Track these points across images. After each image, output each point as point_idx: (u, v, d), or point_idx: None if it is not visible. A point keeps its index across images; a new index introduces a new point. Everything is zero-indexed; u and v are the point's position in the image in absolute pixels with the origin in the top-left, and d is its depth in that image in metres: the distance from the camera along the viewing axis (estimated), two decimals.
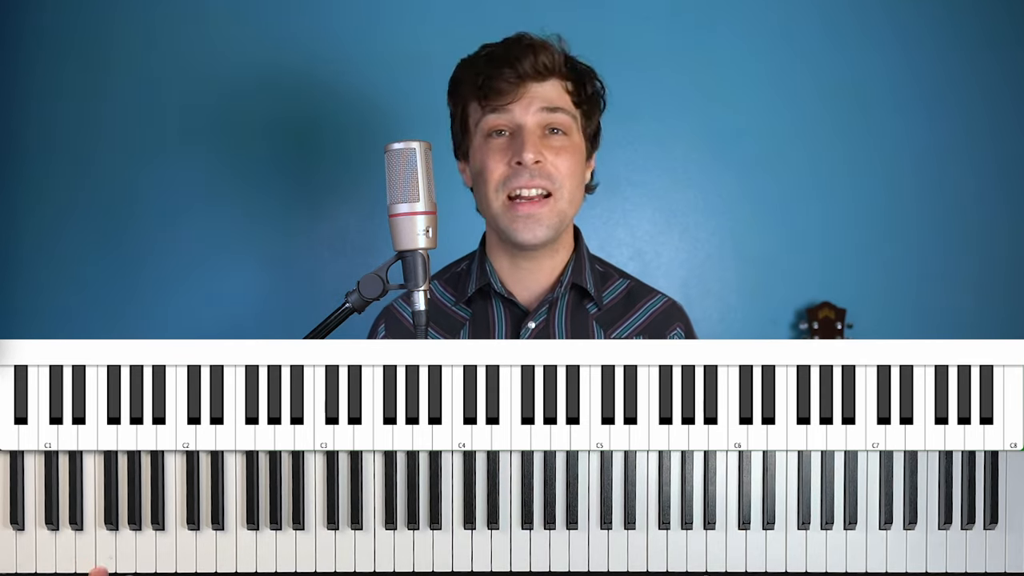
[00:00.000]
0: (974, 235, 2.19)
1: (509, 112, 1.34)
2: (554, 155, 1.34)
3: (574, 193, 1.37)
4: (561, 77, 1.36)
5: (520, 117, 1.34)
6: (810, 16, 2.16)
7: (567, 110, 1.36)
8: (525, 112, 1.34)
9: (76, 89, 2.12)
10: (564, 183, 1.34)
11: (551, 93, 1.35)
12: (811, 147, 2.18)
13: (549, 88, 1.35)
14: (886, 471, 1.11)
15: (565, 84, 1.37)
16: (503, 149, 1.35)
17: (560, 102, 1.36)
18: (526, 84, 1.34)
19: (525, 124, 1.34)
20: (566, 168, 1.35)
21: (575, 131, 1.38)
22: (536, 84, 1.34)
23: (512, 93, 1.33)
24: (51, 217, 2.13)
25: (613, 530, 1.11)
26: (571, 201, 1.37)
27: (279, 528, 1.11)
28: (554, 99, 1.35)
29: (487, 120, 1.35)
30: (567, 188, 1.35)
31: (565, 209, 1.36)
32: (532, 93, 1.34)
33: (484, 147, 1.37)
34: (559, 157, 1.34)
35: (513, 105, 1.34)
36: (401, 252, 1.18)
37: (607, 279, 1.45)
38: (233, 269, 2.15)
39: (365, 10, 2.13)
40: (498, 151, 1.35)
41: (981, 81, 2.18)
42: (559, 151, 1.35)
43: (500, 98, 1.33)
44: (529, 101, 1.34)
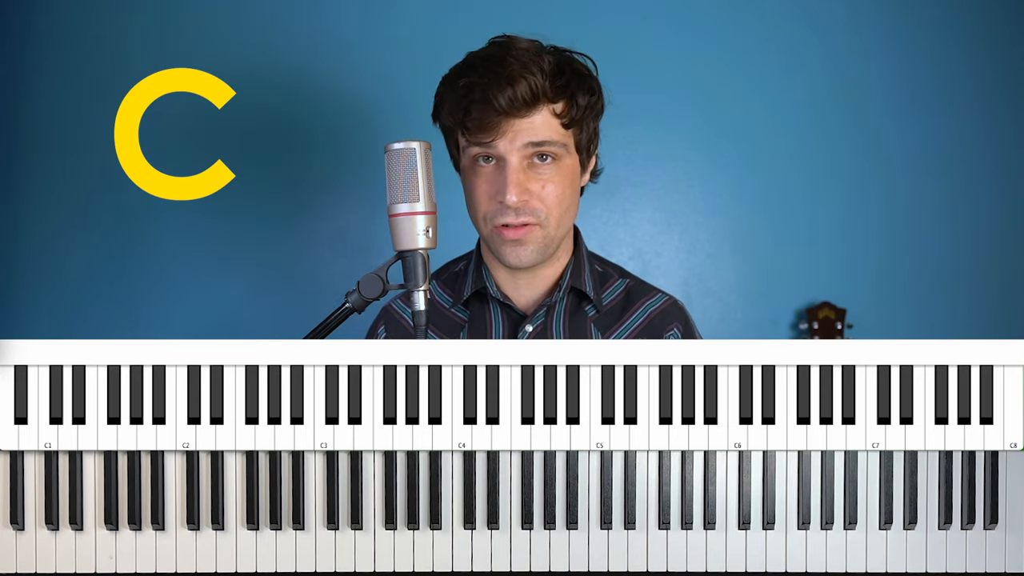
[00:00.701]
0: (974, 235, 2.19)
1: (492, 147, 1.27)
2: (540, 187, 1.28)
3: (563, 217, 1.32)
4: (548, 101, 1.27)
5: (504, 151, 1.27)
6: (810, 16, 2.16)
7: (554, 141, 1.28)
8: (510, 147, 1.26)
9: (76, 89, 2.12)
10: (551, 211, 1.30)
11: (537, 125, 1.26)
12: (811, 147, 2.18)
13: (535, 120, 1.26)
14: (886, 471, 1.11)
15: (553, 108, 1.28)
16: (489, 180, 1.29)
17: (547, 133, 1.27)
18: (508, 119, 1.25)
19: (509, 160, 1.27)
20: (553, 198, 1.29)
21: (566, 153, 1.30)
22: (521, 118, 1.25)
23: (493, 130, 1.25)
24: (51, 217, 2.13)
25: (613, 530, 1.11)
26: (559, 224, 1.32)
27: (279, 528, 1.11)
28: (540, 132, 1.27)
29: (471, 149, 1.30)
30: (554, 215, 1.30)
31: (552, 233, 1.32)
32: (515, 128, 1.26)
33: (472, 171, 1.32)
34: (545, 188, 1.29)
35: (495, 142, 1.26)
36: (401, 252, 1.18)
37: (606, 280, 1.44)
38: (233, 269, 2.15)
39: (365, 9, 2.13)
40: (484, 181, 1.30)
41: (978, 82, 2.18)
42: (546, 182, 1.29)
43: (482, 135, 1.26)
44: (512, 136, 1.26)
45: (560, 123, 1.28)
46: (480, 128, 1.26)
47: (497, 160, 1.29)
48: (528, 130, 1.26)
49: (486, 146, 1.27)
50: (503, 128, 1.25)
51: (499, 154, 1.27)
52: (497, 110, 1.24)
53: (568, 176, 1.32)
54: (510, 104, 1.24)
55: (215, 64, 2.07)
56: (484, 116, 1.25)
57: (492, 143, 1.26)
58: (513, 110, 1.24)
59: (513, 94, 1.23)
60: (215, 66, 2.06)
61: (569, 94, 1.29)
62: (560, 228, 1.33)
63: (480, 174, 1.30)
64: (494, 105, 1.24)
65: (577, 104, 1.30)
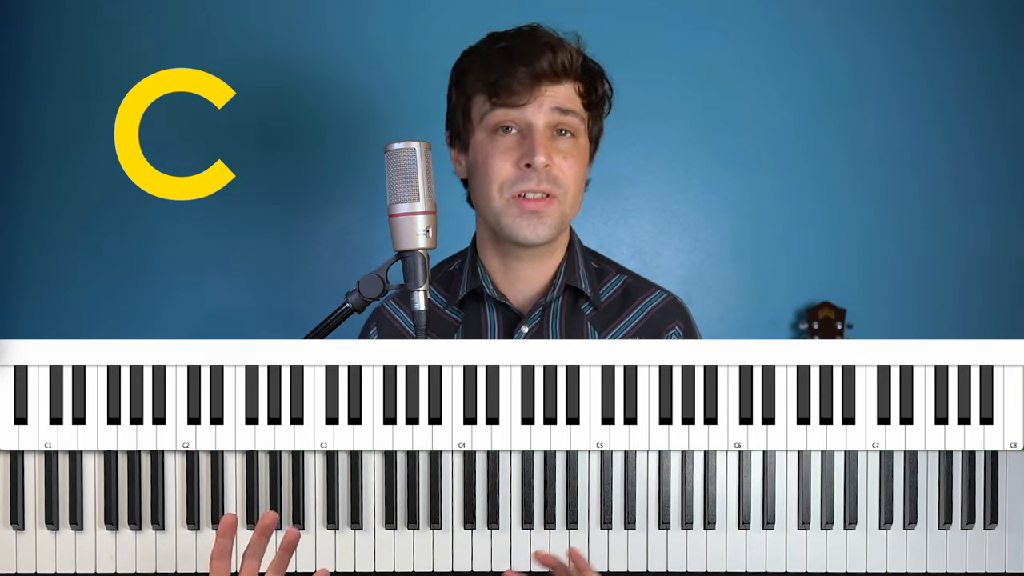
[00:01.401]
0: (975, 235, 2.19)
1: (520, 110, 1.31)
2: (561, 158, 1.32)
3: (576, 197, 1.36)
4: (575, 78, 1.34)
5: (532, 117, 1.31)
6: (810, 16, 2.16)
7: (578, 112, 1.34)
8: (537, 112, 1.31)
9: (75, 88, 2.12)
10: (569, 187, 1.33)
11: (565, 95, 1.32)
12: (811, 147, 2.17)
13: (563, 90, 1.32)
14: (886, 471, 1.11)
15: (578, 86, 1.34)
16: (510, 148, 1.32)
17: (572, 104, 1.33)
18: (541, 84, 1.30)
19: (536, 125, 1.31)
20: (571, 172, 1.33)
21: (582, 133, 1.35)
22: (551, 85, 1.31)
23: (527, 93, 1.30)
24: (51, 217, 2.13)
25: (613, 530, 1.11)
26: (573, 205, 1.35)
27: (279, 528, 1.11)
28: (567, 101, 1.32)
29: (495, 115, 1.32)
30: (571, 192, 1.33)
31: (567, 212, 1.35)
32: (547, 94, 1.31)
33: (489, 143, 1.33)
34: (566, 161, 1.32)
35: (527, 105, 1.30)
36: (401, 252, 1.18)
37: (603, 276, 1.43)
38: (233, 269, 2.15)
39: (365, 8, 2.13)
40: (504, 150, 1.32)
41: (982, 80, 2.18)
42: (566, 155, 1.33)
43: (514, 97, 1.30)
44: (542, 102, 1.31)
45: (582, 101, 1.34)
46: (513, 91, 1.29)
47: (521, 129, 1.32)
48: (556, 96, 1.31)
49: (516, 108, 1.30)
50: (535, 92, 1.30)
51: (526, 120, 1.31)
52: (536, 72, 1.29)
53: (583, 157, 1.36)
54: (550, 67, 1.29)
55: (215, 64, 2.07)
56: (519, 79, 1.29)
57: (523, 107, 1.30)
58: (551, 73, 1.30)
59: (552, 59, 1.29)
60: (215, 66, 2.06)
61: (590, 78, 1.36)
62: (573, 209, 1.36)
63: (500, 144, 1.32)
64: (535, 67, 1.29)
65: (596, 91, 1.37)
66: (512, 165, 1.31)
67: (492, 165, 1.32)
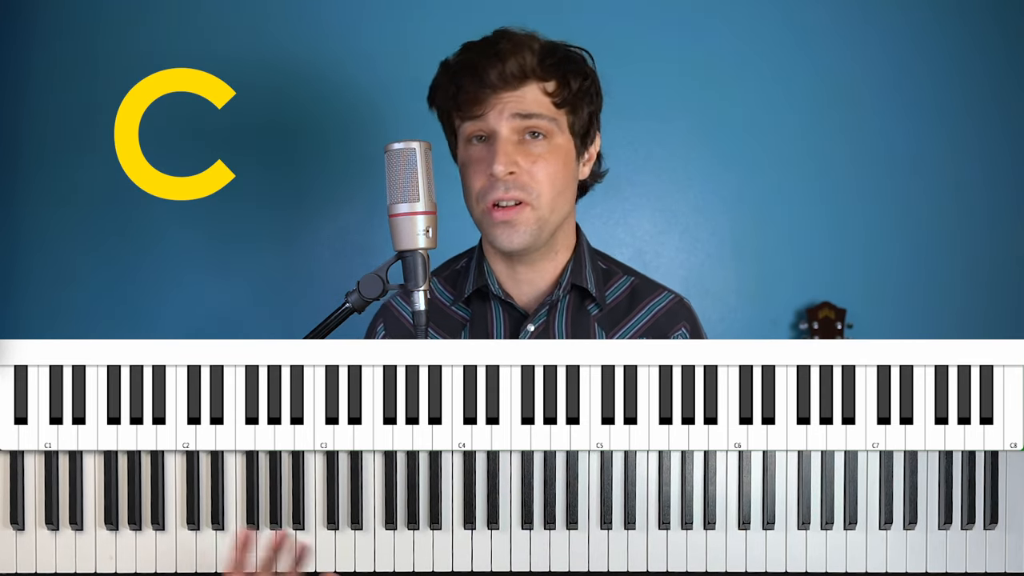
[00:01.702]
0: (975, 235, 2.19)
1: (483, 120, 1.30)
2: (531, 163, 1.30)
3: (555, 199, 1.32)
4: (538, 79, 1.30)
5: (494, 124, 1.30)
6: (810, 15, 2.16)
7: (545, 114, 1.30)
8: (499, 119, 1.29)
9: (75, 88, 2.12)
10: (542, 191, 1.30)
11: (526, 99, 1.30)
12: (812, 147, 2.18)
13: (524, 94, 1.30)
14: (886, 471, 1.11)
15: (543, 86, 1.31)
16: (481, 158, 1.31)
17: (536, 107, 1.30)
18: (497, 93, 1.29)
19: (499, 132, 1.29)
20: (544, 175, 1.30)
21: (557, 132, 1.32)
22: (510, 91, 1.29)
23: (485, 103, 1.29)
24: (51, 217, 2.13)
25: (613, 530, 1.11)
26: (552, 207, 1.32)
27: (279, 528, 1.11)
28: (529, 105, 1.30)
29: (464, 127, 1.33)
30: (545, 195, 1.30)
31: (545, 216, 1.32)
32: (504, 100, 1.29)
33: (466, 154, 1.34)
34: (536, 164, 1.30)
35: (486, 114, 1.30)
36: (401, 252, 1.18)
37: (610, 277, 1.43)
38: (233, 269, 2.15)
39: (365, 8, 2.13)
40: (476, 160, 1.32)
41: (984, 80, 2.18)
42: (537, 158, 1.30)
43: (473, 108, 1.30)
44: (502, 108, 1.29)
45: (551, 101, 1.32)
46: (471, 102, 1.29)
47: (488, 136, 1.31)
48: (517, 102, 1.30)
49: (477, 120, 1.30)
50: (492, 101, 1.29)
51: (490, 128, 1.30)
52: (486, 84, 1.28)
53: (561, 157, 1.33)
54: (499, 78, 1.28)
55: (215, 64, 2.07)
56: (474, 89, 1.29)
57: (482, 116, 1.30)
58: (502, 83, 1.28)
59: (502, 68, 1.28)
60: (215, 66, 2.06)
61: (560, 74, 1.32)
62: (554, 213, 1.33)
63: (473, 154, 1.33)
64: (483, 79, 1.28)
65: (569, 86, 1.33)
66: (483, 175, 1.31)
67: (467, 176, 1.34)
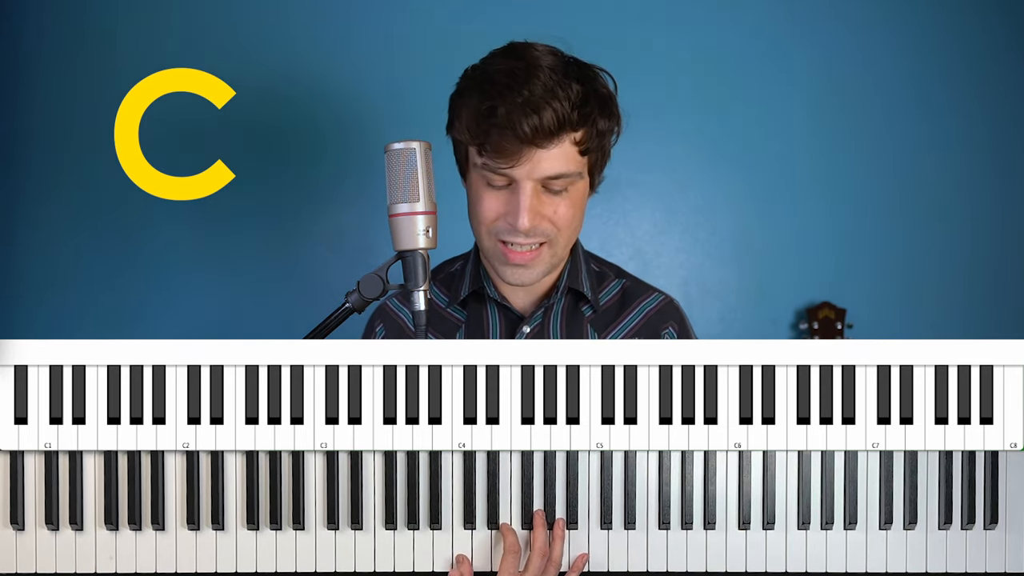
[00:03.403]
0: (975, 235, 2.19)
1: (508, 174, 1.22)
2: (552, 211, 1.25)
3: (571, 237, 1.30)
4: (571, 129, 1.21)
5: (520, 177, 1.22)
6: (811, 16, 2.16)
7: (571, 172, 1.23)
8: (526, 176, 1.21)
9: (76, 89, 2.12)
10: (562, 231, 1.27)
11: (555, 157, 1.21)
12: (812, 147, 2.18)
13: (554, 152, 1.21)
14: (886, 471, 1.11)
15: (574, 136, 1.22)
16: (500, 199, 1.25)
17: (564, 166, 1.22)
18: (529, 149, 1.19)
19: (523, 186, 1.22)
20: (564, 220, 1.26)
21: (579, 180, 1.26)
22: (541, 149, 1.20)
23: (513, 157, 1.19)
24: (51, 217, 2.13)
25: (613, 530, 1.11)
26: (568, 244, 1.30)
27: (279, 528, 1.11)
28: (558, 165, 1.21)
29: (484, 168, 1.24)
30: (564, 235, 1.28)
31: (560, 252, 1.30)
32: (536, 159, 1.20)
33: (481, 185, 1.27)
34: (557, 212, 1.25)
35: (513, 169, 1.21)
36: (401, 252, 1.18)
37: (603, 279, 1.44)
38: (233, 269, 2.15)
39: (365, 9, 2.13)
40: (493, 197, 1.25)
41: (985, 83, 2.18)
42: (558, 206, 1.25)
43: (499, 160, 1.20)
44: (532, 167, 1.20)
45: (578, 150, 1.24)
46: (499, 153, 1.20)
47: (510, 183, 1.24)
48: (547, 162, 1.21)
49: (502, 171, 1.22)
50: (523, 156, 1.20)
51: (514, 178, 1.23)
52: (520, 138, 1.18)
53: (579, 199, 1.29)
54: (534, 133, 1.18)
55: (215, 64, 2.07)
56: (505, 142, 1.19)
57: (510, 170, 1.21)
58: (536, 139, 1.19)
59: (539, 124, 1.18)
60: (215, 66, 2.06)
61: (591, 121, 1.24)
62: (567, 248, 1.32)
63: (490, 191, 1.26)
64: (517, 133, 1.18)
65: (597, 130, 1.25)
66: (500, 216, 1.26)
67: (481, 209, 1.27)
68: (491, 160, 1.21)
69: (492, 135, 1.20)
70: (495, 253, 1.29)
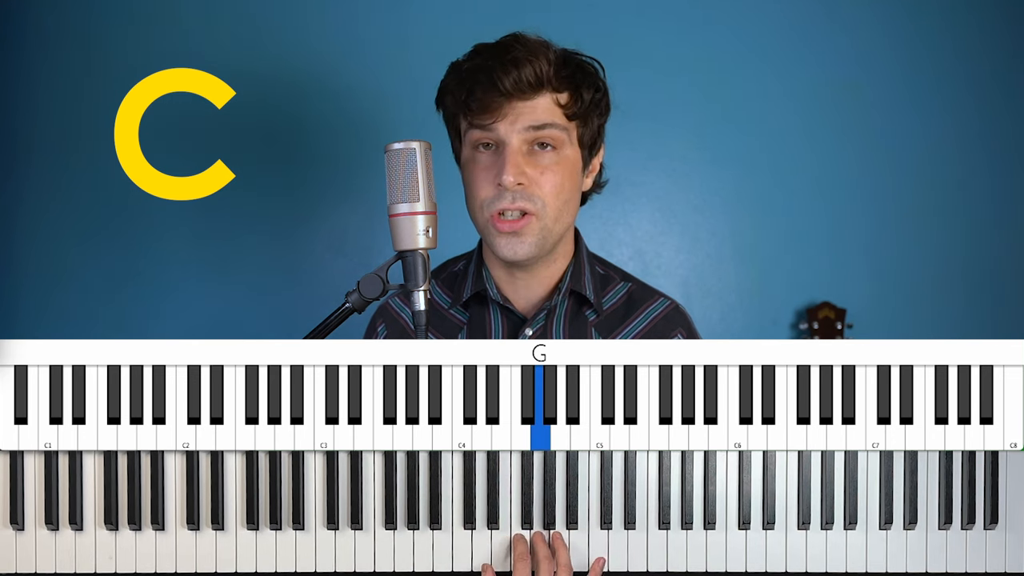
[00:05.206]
0: (975, 235, 2.19)
1: (493, 129, 1.27)
2: (539, 173, 1.28)
3: (561, 210, 1.31)
4: (552, 89, 1.28)
5: (504, 134, 1.27)
6: (811, 15, 2.16)
7: (557, 124, 1.28)
8: (510, 130, 1.27)
9: (75, 88, 2.12)
10: (548, 201, 1.29)
11: (539, 109, 1.27)
12: (812, 147, 2.18)
13: (537, 104, 1.27)
14: (886, 471, 1.11)
15: (556, 96, 1.29)
16: (488, 167, 1.29)
17: (549, 117, 1.28)
18: (511, 102, 1.26)
19: (509, 142, 1.27)
20: (551, 187, 1.29)
21: (567, 144, 1.30)
22: (523, 100, 1.27)
23: (495, 112, 1.26)
24: (51, 217, 2.13)
25: (613, 530, 1.11)
26: (557, 218, 1.31)
27: (279, 528, 1.11)
28: (541, 116, 1.27)
29: (472, 133, 1.30)
30: (551, 207, 1.30)
31: (549, 226, 1.31)
32: (517, 111, 1.26)
33: (472, 161, 1.32)
34: (544, 175, 1.29)
35: (496, 124, 1.27)
36: (401, 252, 1.18)
37: (607, 283, 1.43)
38: (233, 269, 2.15)
39: (365, 8, 2.13)
40: (483, 168, 1.30)
41: (982, 81, 2.18)
42: (545, 169, 1.29)
43: (483, 116, 1.27)
44: (514, 119, 1.27)
45: (563, 112, 1.30)
46: (483, 109, 1.26)
47: (497, 145, 1.29)
48: (529, 112, 1.27)
49: (487, 128, 1.28)
50: (505, 110, 1.26)
51: (499, 137, 1.28)
52: (500, 91, 1.25)
53: (569, 168, 1.32)
54: (514, 85, 1.25)
55: (215, 64, 2.07)
56: (487, 96, 1.26)
57: (493, 124, 1.27)
58: (517, 91, 1.26)
59: (518, 76, 1.25)
60: (215, 66, 2.06)
61: (574, 86, 1.30)
62: (558, 223, 1.32)
63: (479, 161, 1.31)
64: (498, 86, 1.25)
65: (582, 98, 1.31)
66: (489, 184, 1.29)
67: (472, 183, 1.32)
68: (476, 118, 1.28)
69: (476, 92, 1.27)
70: (487, 229, 1.32)
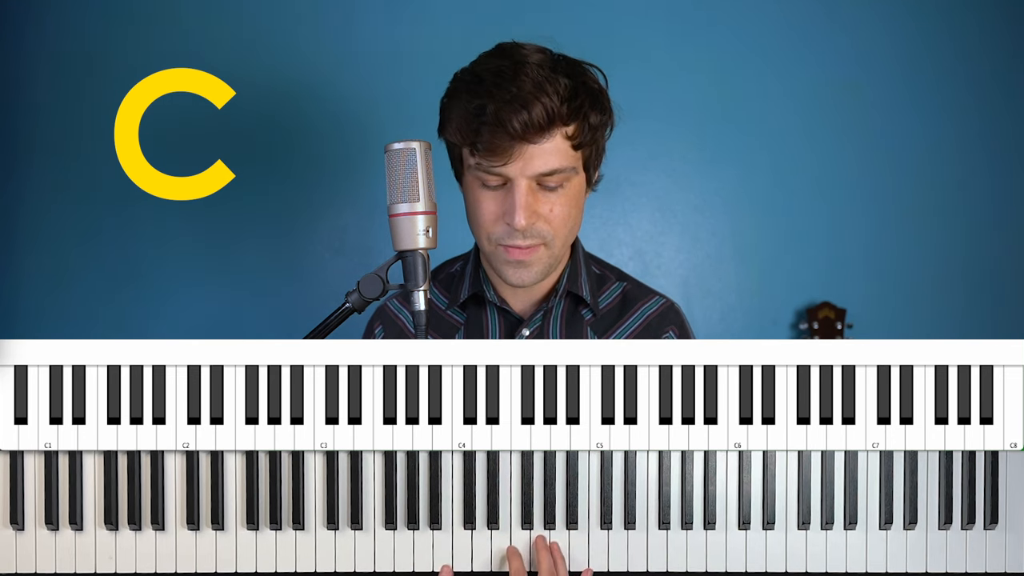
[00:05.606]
0: (975, 235, 2.19)
1: (502, 172, 1.22)
2: (548, 209, 1.24)
3: (569, 236, 1.30)
4: (562, 123, 1.21)
5: (513, 174, 1.21)
6: (811, 15, 2.16)
7: (565, 168, 1.23)
8: (519, 173, 1.21)
9: (75, 88, 2.12)
10: (558, 231, 1.27)
11: (548, 153, 1.21)
12: (812, 147, 2.18)
13: (547, 147, 1.20)
14: (886, 471, 1.11)
15: (566, 130, 1.22)
16: (495, 200, 1.25)
17: (558, 162, 1.22)
18: (520, 144, 1.19)
19: (517, 184, 1.21)
20: (560, 220, 1.26)
21: (574, 175, 1.26)
22: (532, 144, 1.19)
23: (505, 154, 1.19)
24: (51, 217, 2.13)
25: (613, 530, 1.11)
26: (565, 243, 1.30)
27: (279, 528, 1.11)
28: (551, 161, 1.21)
29: (478, 169, 1.24)
30: (561, 235, 1.28)
31: (558, 253, 1.30)
32: (528, 154, 1.20)
33: (476, 188, 1.27)
34: (553, 211, 1.25)
35: (506, 167, 1.20)
36: (401, 252, 1.18)
37: (603, 283, 1.43)
38: (233, 269, 2.15)
39: (366, 9, 2.13)
40: (490, 201, 1.25)
41: (982, 81, 2.18)
42: (554, 204, 1.25)
43: (491, 158, 1.20)
44: (524, 164, 1.20)
45: (571, 145, 1.24)
46: (491, 152, 1.20)
47: (505, 182, 1.24)
48: (540, 158, 1.21)
49: (495, 171, 1.22)
50: (515, 153, 1.20)
51: (508, 176, 1.23)
52: (511, 135, 1.18)
53: (575, 196, 1.29)
54: (524, 129, 1.18)
55: (215, 64, 2.07)
56: (496, 140, 1.19)
57: (502, 168, 1.21)
58: (527, 135, 1.19)
59: (528, 119, 1.18)
60: (215, 66, 2.06)
61: (582, 115, 1.23)
62: (564, 247, 1.31)
63: (485, 192, 1.26)
64: (507, 129, 1.18)
65: (589, 124, 1.25)
66: (498, 220, 1.26)
67: (478, 213, 1.27)
68: (484, 159, 1.21)
69: (483, 134, 1.20)
70: (496, 255, 1.30)
